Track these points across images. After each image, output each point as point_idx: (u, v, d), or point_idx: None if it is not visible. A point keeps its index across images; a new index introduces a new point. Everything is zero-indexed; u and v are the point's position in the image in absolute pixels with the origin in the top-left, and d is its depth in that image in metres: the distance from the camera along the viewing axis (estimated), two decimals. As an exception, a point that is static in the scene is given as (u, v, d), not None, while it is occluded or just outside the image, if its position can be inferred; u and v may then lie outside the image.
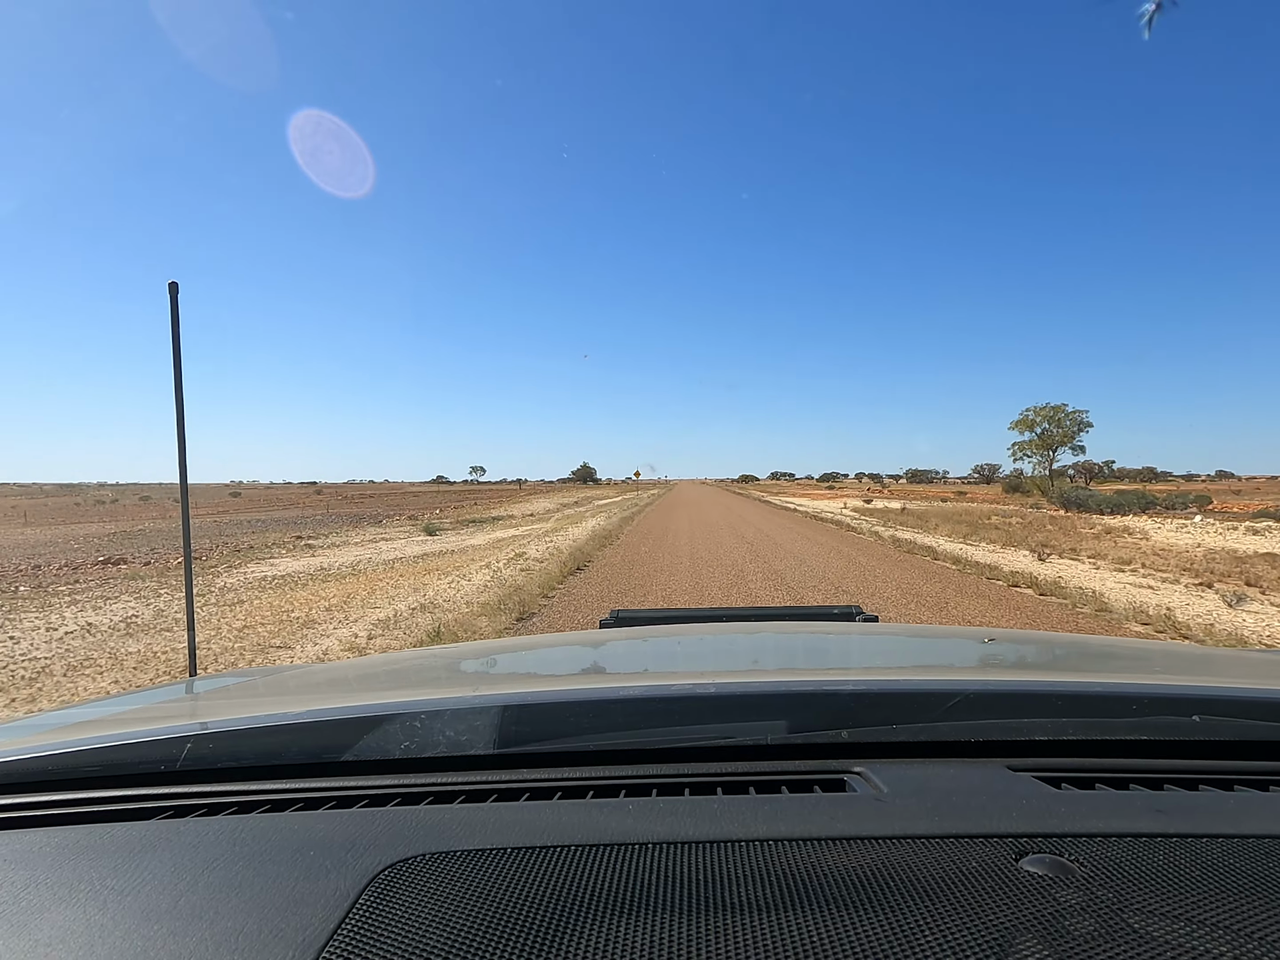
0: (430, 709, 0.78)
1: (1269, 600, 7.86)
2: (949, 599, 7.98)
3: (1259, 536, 15.03)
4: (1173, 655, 1.44)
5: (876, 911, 0.47)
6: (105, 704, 1.33)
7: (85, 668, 5.66)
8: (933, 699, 0.78)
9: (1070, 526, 18.50)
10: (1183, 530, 17.24)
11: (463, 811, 0.63)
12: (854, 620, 1.74)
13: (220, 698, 1.23)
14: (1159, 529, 17.76)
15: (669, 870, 0.52)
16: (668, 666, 1.37)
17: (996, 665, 1.27)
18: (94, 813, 0.67)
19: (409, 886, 0.51)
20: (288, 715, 0.80)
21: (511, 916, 0.47)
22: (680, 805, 0.63)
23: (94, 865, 0.56)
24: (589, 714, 0.80)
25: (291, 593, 9.59)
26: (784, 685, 0.88)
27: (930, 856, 0.53)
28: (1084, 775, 0.69)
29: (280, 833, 0.60)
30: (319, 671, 1.47)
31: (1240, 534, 15.73)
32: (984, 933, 0.44)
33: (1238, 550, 12.64)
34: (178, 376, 2.45)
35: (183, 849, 0.58)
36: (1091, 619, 6.99)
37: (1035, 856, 0.53)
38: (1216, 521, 19.51)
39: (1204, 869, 0.51)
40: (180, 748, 0.72)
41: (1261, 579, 9.10)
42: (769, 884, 0.50)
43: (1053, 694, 0.82)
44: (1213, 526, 17.80)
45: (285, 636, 6.62)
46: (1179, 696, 0.80)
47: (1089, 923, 0.45)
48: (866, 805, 0.62)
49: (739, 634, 1.61)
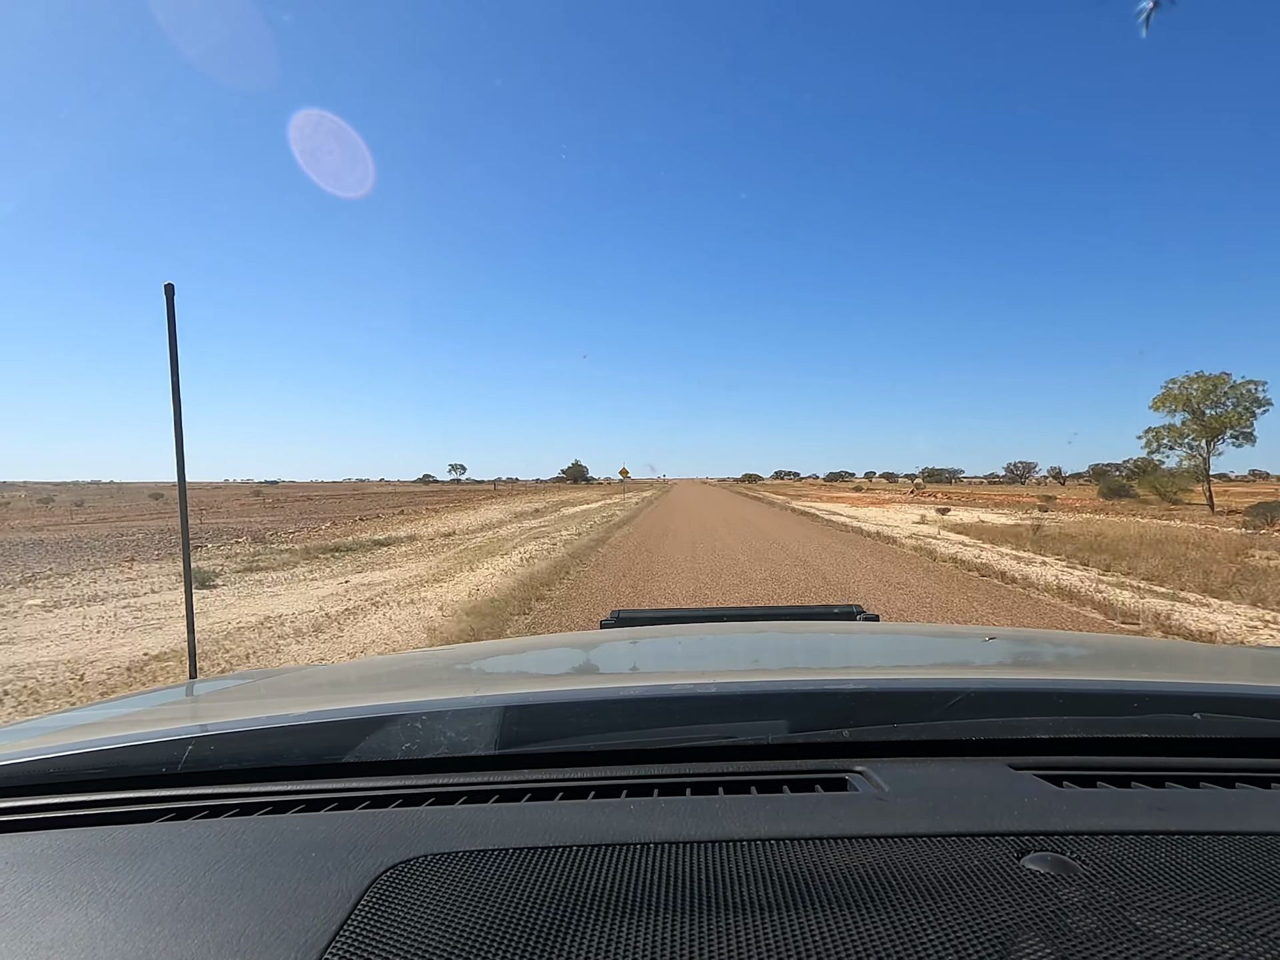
0: (432, 710, 0.78)
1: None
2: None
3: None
4: (1174, 653, 1.44)
5: (879, 910, 0.47)
6: (106, 706, 1.33)
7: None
8: (934, 697, 0.78)
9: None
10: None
11: (464, 812, 0.63)
12: (855, 619, 1.74)
13: (221, 700, 1.22)
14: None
15: (671, 870, 0.52)
16: (668, 666, 1.37)
17: (998, 664, 1.27)
18: (96, 815, 0.67)
19: (411, 887, 0.51)
20: (289, 717, 0.80)
21: (514, 917, 0.47)
22: (682, 805, 0.63)
23: (96, 868, 0.56)
24: (590, 714, 0.80)
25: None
26: (785, 685, 0.88)
27: (932, 855, 0.53)
28: (1086, 773, 0.69)
29: (282, 834, 0.60)
30: (320, 673, 1.47)
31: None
32: (986, 931, 0.44)
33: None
34: (174, 378, 2.44)
35: (184, 851, 0.58)
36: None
37: (1037, 855, 0.53)
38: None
39: (1206, 866, 0.51)
40: (182, 750, 0.72)
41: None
42: (771, 883, 0.50)
43: (1054, 692, 0.82)
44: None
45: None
46: (1180, 694, 0.80)
47: (1091, 920, 0.45)
48: (868, 804, 0.62)
49: (740, 634, 1.61)
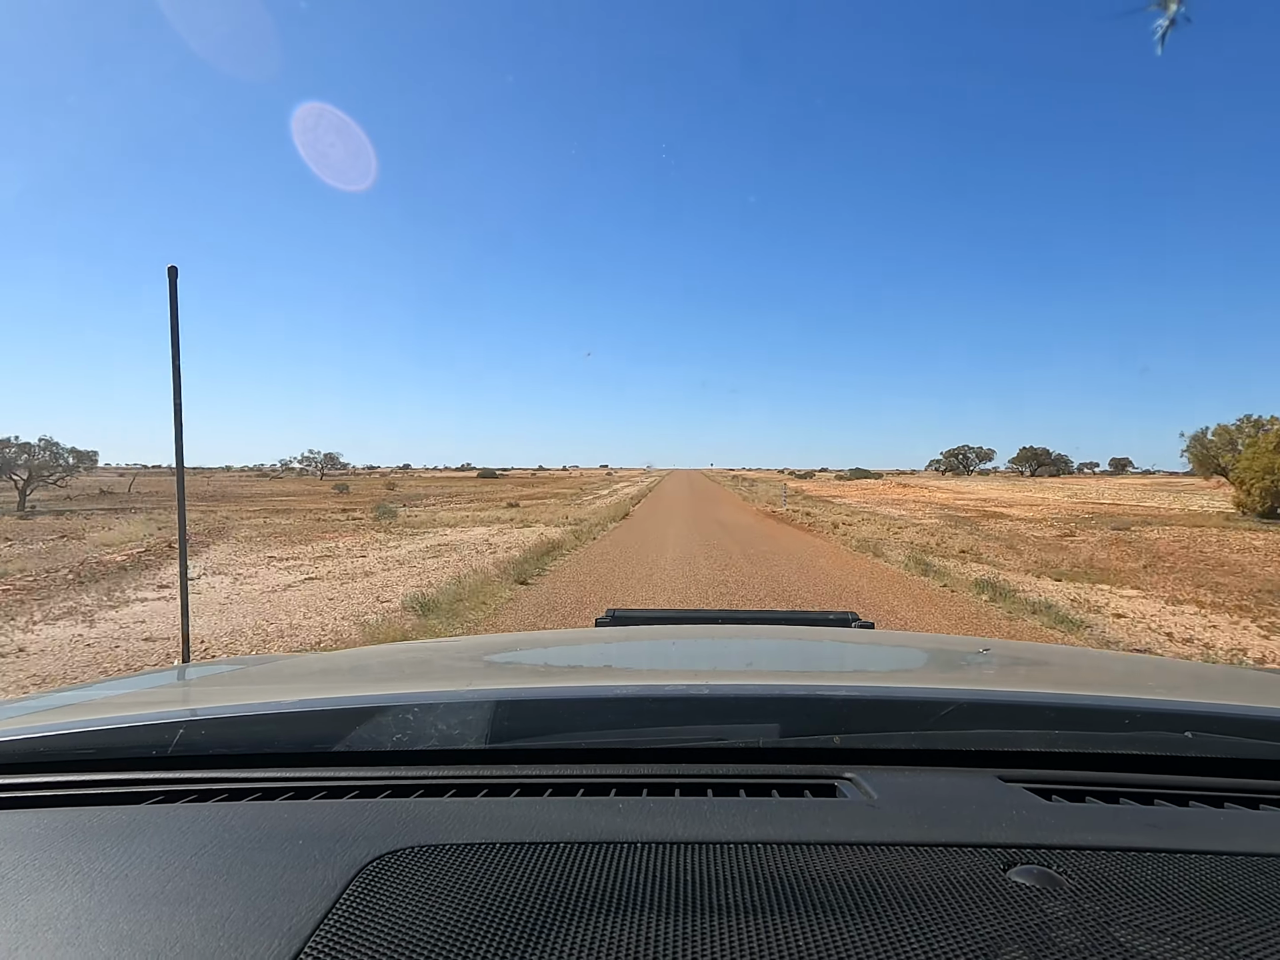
0: (423, 702, 0.78)
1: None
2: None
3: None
4: (1166, 671, 1.44)
5: (863, 917, 0.47)
6: (98, 687, 1.33)
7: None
8: (926, 707, 0.78)
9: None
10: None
11: (453, 805, 0.63)
12: (850, 626, 1.74)
13: (214, 684, 1.23)
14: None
15: (657, 870, 0.52)
16: (662, 666, 1.37)
17: (990, 675, 1.28)
18: (84, 795, 0.67)
19: (397, 878, 0.51)
20: (281, 704, 0.80)
21: (499, 911, 0.47)
22: (670, 805, 0.63)
23: (83, 848, 0.56)
24: (582, 711, 0.80)
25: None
26: (777, 689, 0.88)
27: (919, 864, 0.53)
28: (1075, 788, 0.69)
29: (270, 821, 0.60)
30: (313, 661, 1.47)
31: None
32: (970, 942, 0.44)
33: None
34: (175, 361, 2.44)
35: (172, 834, 0.58)
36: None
37: (1024, 867, 0.53)
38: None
39: (1192, 885, 0.51)
40: (172, 733, 0.72)
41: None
42: (757, 887, 0.50)
43: (1046, 705, 0.82)
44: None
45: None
46: (1172, 712, 0.80)
47: (1075, 935, 0.45)
48: (857, 811, 0.62)
49: (734, 636, 1.61)
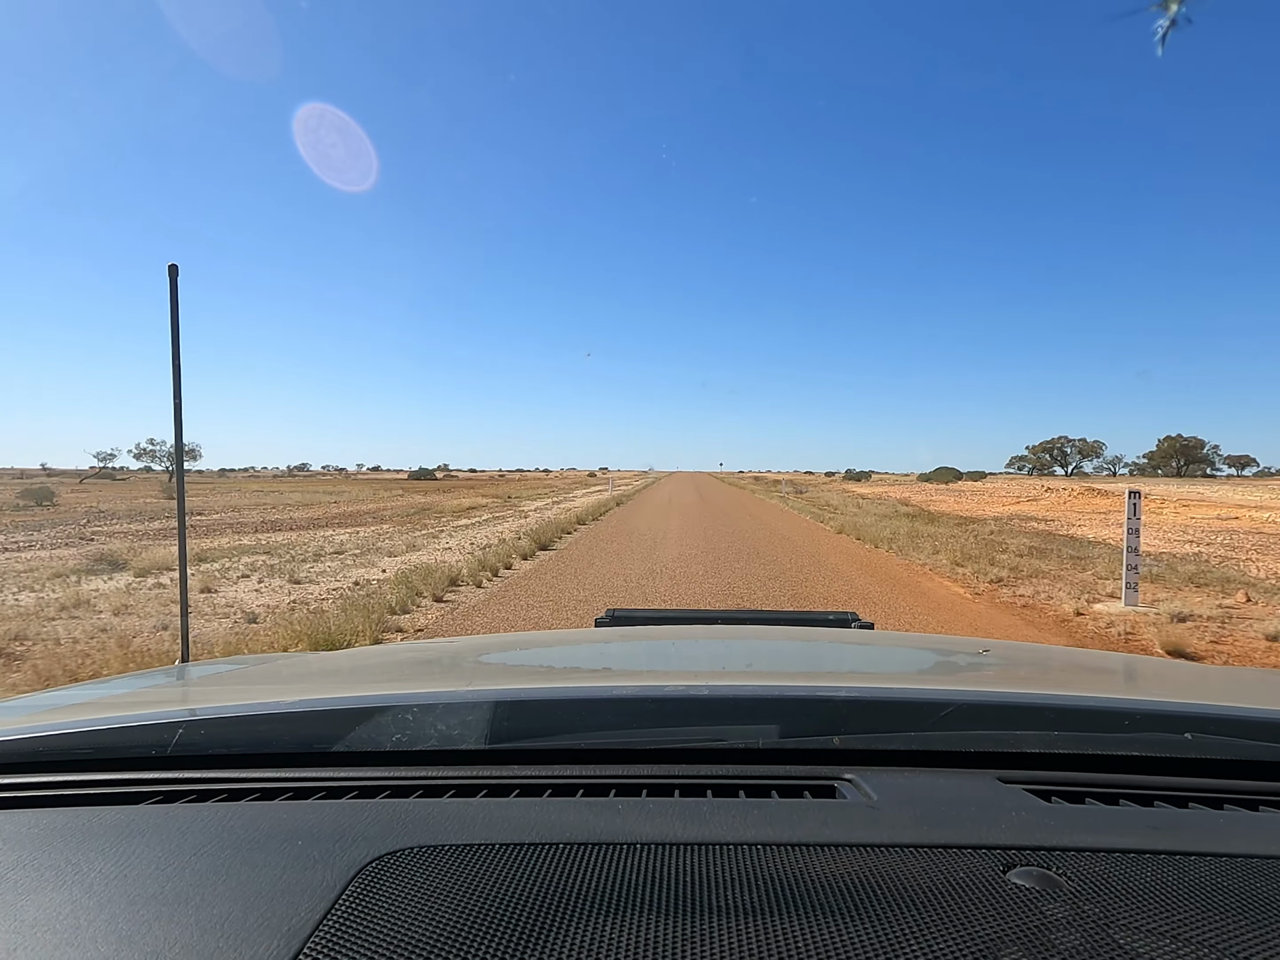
0: (423, 702, 0.78)
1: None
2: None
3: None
4: (1165, 672, 1.45)
5: (863, 919, 0.47)
6: (97, 687, 1.33)
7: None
8: (925, 708, 0.78)
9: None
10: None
11: (452, 806, 0.63)
12: (849, 627, 1.74)
13: (213, 684, 1.22)
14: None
15: (656, 871, 0.52)
16: (661, 667, 1.37)
17: (990, 676, 1.27)
18: (83, 795, 0.66)
19: (396, 879, 0.51)
20: (280, 704, 0.80)
21: (498, 912, 0.47)
22: (669, 806, 0.63)
23: (82, 848, 0.56)
24: (581, 712, 0.80)
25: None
26: (777, 689, 0.88)
27: (918, 865, 0.53)
28: (1074, 789, 0.69)
29: (269, 821, 0.60)
30: (312, 661, 1.47)
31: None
32: (969, 944, 0.44)
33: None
34: (175, 359, 2.44)
35: (171, 834, 0.58)
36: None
37: (1023, 869, 0.53)
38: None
39: (1191, 887, 0.51)
40: (171, 733, 0.72)
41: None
42: (756, 888, 0.50)
43: (1045, 707, 0.82)
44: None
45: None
46: (1172, 714, 0.80)
47: (1074, 937, 0.45)
48: (856, 812, 0.62)
49: (734, 637, 1.61)
